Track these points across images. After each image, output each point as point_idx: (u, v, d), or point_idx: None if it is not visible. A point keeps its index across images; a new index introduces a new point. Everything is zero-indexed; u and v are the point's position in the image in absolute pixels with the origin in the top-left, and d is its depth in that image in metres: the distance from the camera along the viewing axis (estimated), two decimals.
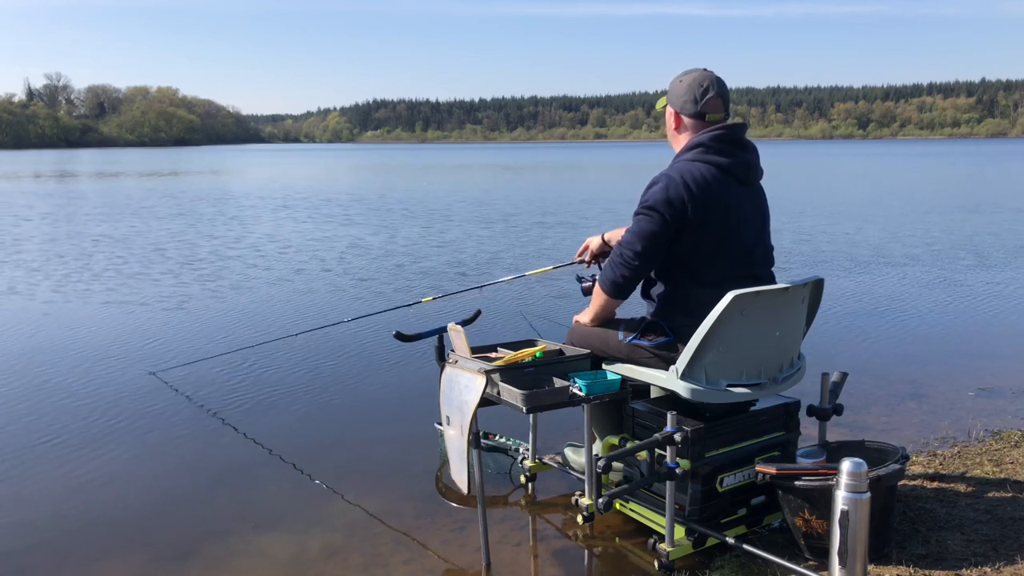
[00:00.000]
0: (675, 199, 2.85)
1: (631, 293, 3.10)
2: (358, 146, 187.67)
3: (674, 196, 2.85)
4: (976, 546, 2.87)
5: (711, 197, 2.87)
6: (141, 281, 9.14)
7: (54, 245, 12.39)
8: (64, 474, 3.93)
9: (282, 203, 20.53)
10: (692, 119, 3.01)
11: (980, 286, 8.46)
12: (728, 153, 2.94)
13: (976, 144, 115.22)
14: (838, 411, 3.23)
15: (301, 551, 3.17)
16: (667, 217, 2.86)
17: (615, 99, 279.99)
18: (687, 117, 3.02)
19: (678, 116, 3.05)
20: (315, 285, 8.86)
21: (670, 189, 2.86)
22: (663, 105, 3.12)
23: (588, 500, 3.14)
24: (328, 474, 3.91)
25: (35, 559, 3.16)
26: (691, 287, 2.95)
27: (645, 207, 2.91)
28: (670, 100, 3.07)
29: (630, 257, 2.95)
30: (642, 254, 2.93)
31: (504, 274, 7.43)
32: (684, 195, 2.84)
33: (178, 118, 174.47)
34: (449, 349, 3.24)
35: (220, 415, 4.72)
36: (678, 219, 2.86)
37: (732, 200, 2.92)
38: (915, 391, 5.04)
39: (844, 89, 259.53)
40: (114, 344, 6.36)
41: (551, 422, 4.02)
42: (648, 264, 2.97)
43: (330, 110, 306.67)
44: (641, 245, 2.92)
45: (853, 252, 10.94)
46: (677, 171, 2.90)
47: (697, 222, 2.86)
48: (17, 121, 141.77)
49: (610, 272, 3.03)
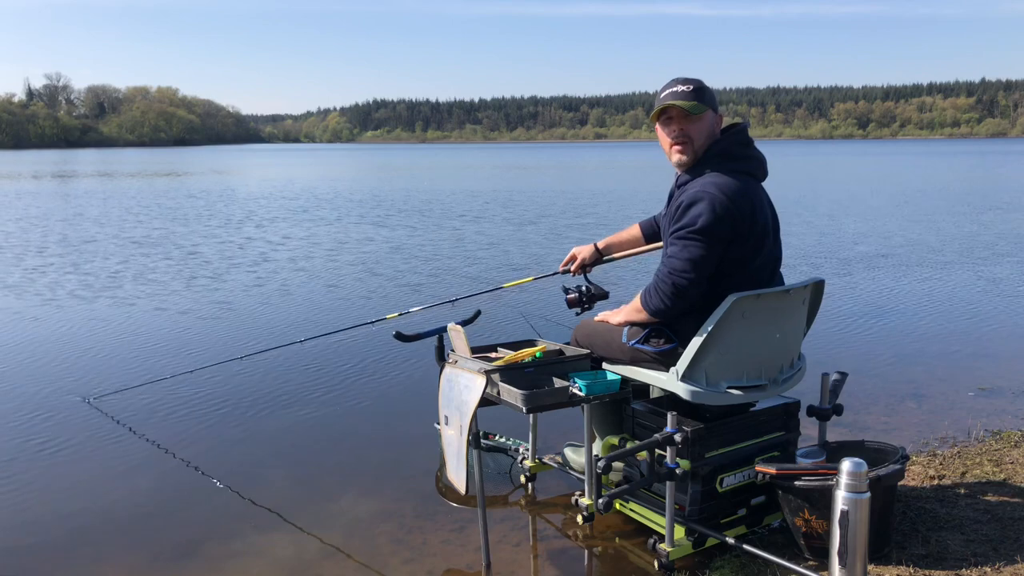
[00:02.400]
0: (725, 218, 2.75)
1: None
2: (358, 146, 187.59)
3: (723, 215, 2.74)
4: (976, 546, 2.87)
5: (751, 208, 2.82)
6: (175, 281, 9.14)
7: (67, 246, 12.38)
8: (65, 474, 3.93)
9: (323, 206, 20.52)
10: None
11: (980, 286, 8.45)
12: (749, 157, 2.93)
13: (976, 144, 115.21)
14: (838, 411, 3.23)
15: (301, 551, 3.17)
16: (716, 240, 2.77)
17: (615, 99, 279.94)
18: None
19: (720, 117, 2.97)
20: (332, 289, 8.86)
21: (718, 208, 2.74)
22: (702, 110, 2.87)
23: (588, 500, 3.14)
24: (328, 474, 3.91)
25: (35, 559, 3.16)
26: (707, 297, 2.87)
27: (693, 232, 2.77)
28: (713, 103, 2.91)
29: (684, 286, 2.80)
30: (696, 281, 2.80)
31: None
32: (732, 213, 2.75)
33: (178, 118, 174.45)
34: (449, 349, 3.24)
35: (221, 416, 4.72)
36: (727, 238, 2.78)
37: (763, 203, 2.90)
38: (915, 391, 5.04)
39: (844, 89, 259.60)
40: (135, 346, 6.37)
41: (551, 422, 4.02)
42: (700, 289, 2.83)
43: (330, 110, 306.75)
44: (696, 273, 2.79)
45: (853, 252, 10.94)
46: (716, 187, 2.79)
47: (744, 236, 2.81)
48: (17, 121, 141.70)
49: (656, 299, 2.87)
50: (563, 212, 17.33)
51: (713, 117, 2.94)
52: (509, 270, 9.71)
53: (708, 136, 2.92)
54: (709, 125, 2.92)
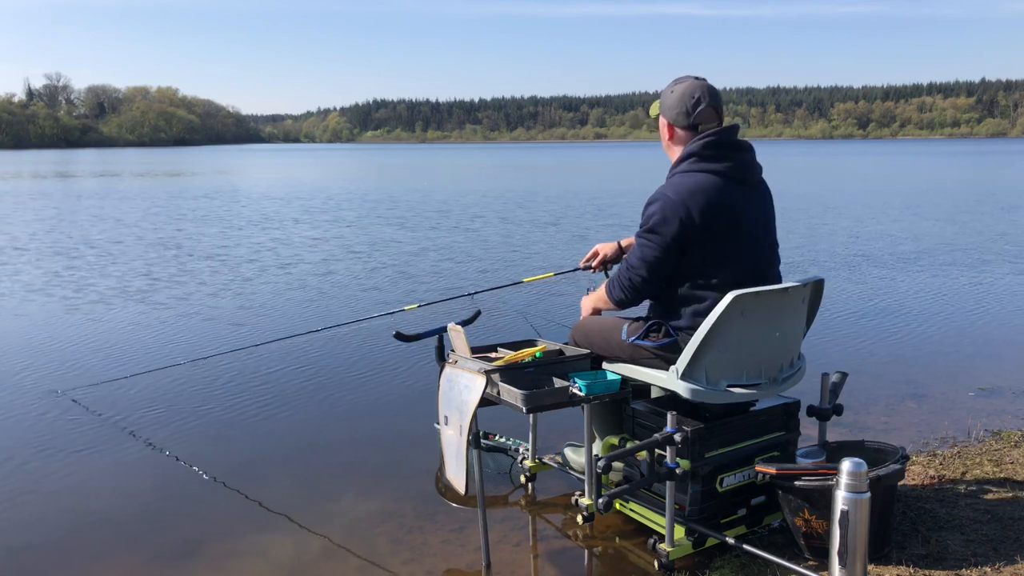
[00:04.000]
0: (672, 219, 2.82)
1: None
2: (359, 146, 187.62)
3: (671, 216, 2.82)
4: (976, 546, 2.87)
5: (711, 207, 2.83)
6: (187, 277, 9.14)
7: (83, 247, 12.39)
8: (64, 472, 3.93)
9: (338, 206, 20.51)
10: (685, 131, 2.98)
11: (980, 286, 8.46)
12: (722, 157, 2.91)
13: (976, 144, 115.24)
14: (838, 411, 3.23)
15: (301, 551, 3.17)
16: (668, 239, 2.84)
17: (615, 99, 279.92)
18: (680, 129, 2.99)
19: (671, 127, 3.02)
20: (331, 285, 8.87)
21: (667, 209, 2.83)
22: (656, 113, 3.10)
23: (588, 500, 3.14)
24: (328, 474, 3.91)
25: (35, 558, 3.16)
26: (698, 290, 2.92)
27: (645, 231, 2.90)
28: (663, 111, 3.04)
29: (638, 282, 2.96)
30: (648, 279, 2.94)
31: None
32: (681, 213, 2.81)
33: (178, 118, 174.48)
34: (449, 349, 3.24)
35: (221, 416, 4.72)
36: (680, 237, 2.83)
37: (735, 203, 2.89)
38: (915, 391, 5.04)
39: (844, 89, 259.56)
40: (134, 341, 6.37)
41: (551, 422, 4.02)
42: (654, 285, 2.97)
43: (330, 110, 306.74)
44: (647, 271, 2.92)
45: (853, 252, 10.94)
46: (672, 188, 2.87)
47: (701, 235, 2.83)
48: (17, 121, 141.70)
49: (617, 291, 3.05)
50: (581, 213, 17.23)
51: (664, 121, 3.04)
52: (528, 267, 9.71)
53: (663, 137, 3.06)
54: (662, 128, 3.06)
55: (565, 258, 10.51)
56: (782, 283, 2.97)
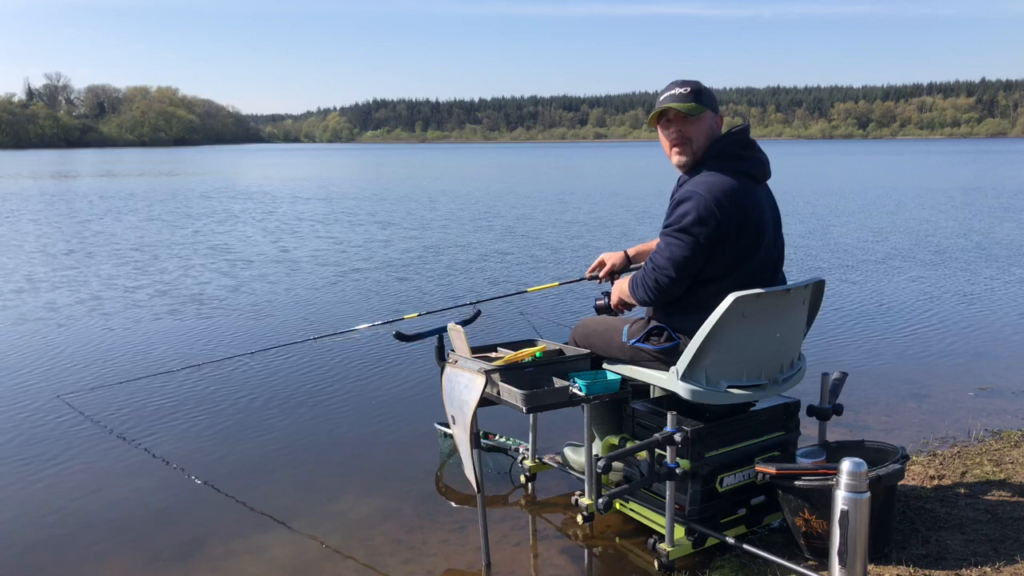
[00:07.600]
0: (708, 218, 2.75)
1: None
2: (359, 146, 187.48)
3: (707, 215, 2.75)
4: (976, 546, 2.87)
5: (742, 208, 2.80)
6: (191, 279, 9.14)
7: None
8: (64, 473, 3.93)
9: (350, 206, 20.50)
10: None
11: (980, 286, 8.45)
12: (746, 157, 2.91)
13: (976, 144, 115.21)
14: (838, 411, 3.23)
15: (301, 551, 3.17)
16: (701, 239, 2.78)
17: (615, 99, 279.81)
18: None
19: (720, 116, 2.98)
20: (337, 291, 8.87)
21: (701, 208, 2.76)
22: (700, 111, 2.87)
23: (588, 500, 3.14)
24: (328, 474, 3.91)
25: (35, 558, 3.16)
26: (704, 292, 2.88)
27: (677, 230, 2.81)
28: (712, 104, 2.91)
29: (664, 283, 2.87)
30: (677, 280, 2.86)
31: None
32: (717, 213, 2.75)
33: (178, 118, 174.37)
34: (449, 349, 3.24)
35: (222, 415, 4.72)
36: (712, 238, 2.78)
37: (758, 203, 2.87)
38: (915, 391, 5.04)
39: (844, 89, 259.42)
40: (133, 343, 6.37)
41: (551, 422, 4.02)
42: (682, 287, 2.89)
43: (330, 110, 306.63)
44: (676, 271, 2.84)
45: (853, 252, 10.94)
46: (705, 187, 2.80)
47: (732, 236, 2.80)
48: (17, 121, 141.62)
49: (641, 291, 2.97)
50: (588, 218, 17.30)
51: (712, 117, 2.94)
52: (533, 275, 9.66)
53: (707, 136, 2.92)
54: (708, 126, 2.93)
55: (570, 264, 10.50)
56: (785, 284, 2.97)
